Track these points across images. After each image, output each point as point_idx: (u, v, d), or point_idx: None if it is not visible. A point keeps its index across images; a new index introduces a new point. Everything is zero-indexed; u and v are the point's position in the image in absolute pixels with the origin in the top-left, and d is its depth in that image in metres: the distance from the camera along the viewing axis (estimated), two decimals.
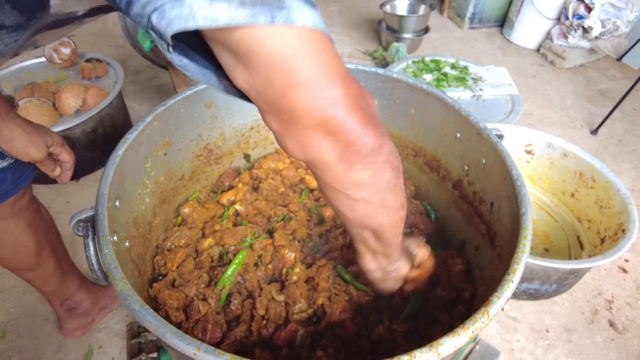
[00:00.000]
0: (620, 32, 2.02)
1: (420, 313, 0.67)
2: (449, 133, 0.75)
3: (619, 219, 1.09)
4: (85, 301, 0.98)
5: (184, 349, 0.39)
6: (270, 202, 0.82)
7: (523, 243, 0.50)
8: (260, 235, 0.75)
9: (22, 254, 0.81)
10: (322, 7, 2.71)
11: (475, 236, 0.73)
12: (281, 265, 0.69)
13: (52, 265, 0.86)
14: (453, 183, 0.78)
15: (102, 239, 0.49)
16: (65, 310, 0.96)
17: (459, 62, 1.73)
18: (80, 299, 0.96)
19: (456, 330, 0.41)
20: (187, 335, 0.39)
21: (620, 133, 1.76)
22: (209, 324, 0.59)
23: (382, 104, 0.83)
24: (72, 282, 0.94)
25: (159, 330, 0.40)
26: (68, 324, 0.97)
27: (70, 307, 0.96)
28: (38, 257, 0.82)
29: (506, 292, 0.45)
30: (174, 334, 0.39)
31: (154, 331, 0.40)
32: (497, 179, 0.64)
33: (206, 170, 0.85)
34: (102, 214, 0.51)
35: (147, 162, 0.68)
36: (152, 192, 0.71)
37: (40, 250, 0.82)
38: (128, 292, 0.43)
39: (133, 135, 0.63)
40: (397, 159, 0.40)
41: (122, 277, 0.45)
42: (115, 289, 0.44)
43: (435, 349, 0.39)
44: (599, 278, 1.20)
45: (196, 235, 0.74)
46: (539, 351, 1.01)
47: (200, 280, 0.66)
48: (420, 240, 0.60)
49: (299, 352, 0.58)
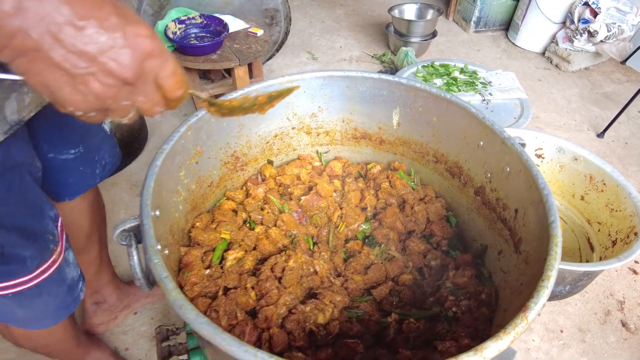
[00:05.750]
0: (624, 35, 2.05)
1: (437, 318, 0.69)
2: (472, 141, 0.77)
3: (630, 222, 1.11)
4: (112, 297, 0.99)
5: (242, 356, 0.40)
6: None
7: (555, 250, 0.52)
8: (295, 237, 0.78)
9: (75, 234, 0.81)
10: (329, 10, 2.73)
11: (497, 241, 0.76)
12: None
13: (95, 253, 0.87)
14: (475, 189, 0.80)
15: (151, 249, 0.50)
16: (93, 303, 0.97)
17: (467, 66, 1.76)
18: (108, 293, 0.98)
19: (499, 335, 0.43)
20: (244, 343, 0.41)
21: (626, 136, 1.79)
22: (247, 327, 0.61)
23: (404, 112, 0.85)
24: (105, 275, 0.95)
25: (215, 338, 0.42)
26: (93, 319, 0.99)
27: (98, 301, 0.97)
28: (87, 241, 0.83)
29: (542, 298, 0.47)
30: (231, 341, 0.41)
31: (210, 339, 0.42)
32: (522, 187, 0.66)
33: (232, 177, 0.87)
34: (147, 224, 0.53)
35: (181, 171, 0.70)
36: (185, 200, 0.73)
37: (91, 234, 0.83)
38: (182, 301, 0.45)
39: (169, 146, 0.65)
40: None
41: (175, 287, 0.47)
42: (169, 299, 0.46)
43: (481, 353, 0.41)
44: (610, 279, 1.22)
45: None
46: (554, 351, 1.04)
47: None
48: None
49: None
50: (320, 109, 0.89)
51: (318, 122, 0.92)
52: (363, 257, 0.80)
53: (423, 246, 0.84)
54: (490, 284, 0.74)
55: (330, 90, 0.86)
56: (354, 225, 0.85)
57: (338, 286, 0.74)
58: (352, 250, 0.83)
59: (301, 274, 0.73)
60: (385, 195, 0.89)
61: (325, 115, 0.91)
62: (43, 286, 0.61)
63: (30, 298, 0.60)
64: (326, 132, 0.94)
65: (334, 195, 0.88)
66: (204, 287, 0.66)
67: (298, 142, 0.94)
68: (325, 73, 0.83)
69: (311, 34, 2.45)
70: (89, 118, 0.37)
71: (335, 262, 0.80)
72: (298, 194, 0.88)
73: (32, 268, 0.58)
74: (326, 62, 2.21)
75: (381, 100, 0.86)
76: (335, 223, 0.85)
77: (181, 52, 1.33)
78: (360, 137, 0.95)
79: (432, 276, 0.80)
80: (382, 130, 0.91)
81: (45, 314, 0.65)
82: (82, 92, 0.33)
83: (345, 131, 0.94)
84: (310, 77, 0.83)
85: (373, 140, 0.94)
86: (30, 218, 0.58)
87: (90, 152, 0.74)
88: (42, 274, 0.60)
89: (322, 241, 0.84)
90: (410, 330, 0.68)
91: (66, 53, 0.31)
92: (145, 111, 0.40)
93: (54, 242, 0.62)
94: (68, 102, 0.34)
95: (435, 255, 0.82)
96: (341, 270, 0.79)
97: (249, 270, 0.72)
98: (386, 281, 0.78)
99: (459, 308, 0.71)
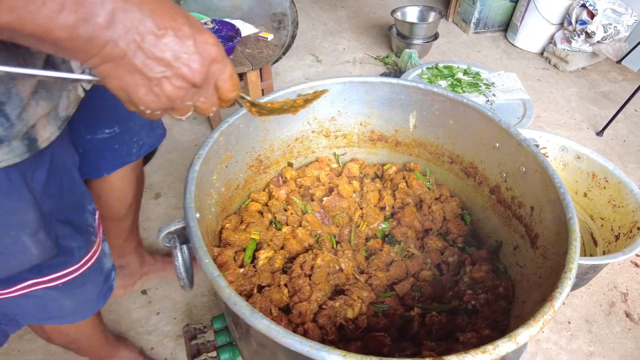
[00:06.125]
0: (620, 36, 2.11)
1: (456, 311, 0.72)
2: (488, 143, 0.81)
3: (633, 217, 1.16)
4: (135, 264, 1.07)
5: (298, 348, 0.44)
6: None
7: (574, 245, 0.56)
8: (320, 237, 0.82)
9: (119, 202, 0.87)
10: (331, 12, 2.76)
11: (513, 237, 0.80)
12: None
13: (130, 221, 0.94)
14: (490, 188, 0.84)
15: (200, 250, 0.54)
16: (117, 266, 1.02)
17: (470, 68, 1.80)
18: (132, 260, 1.05)
19: (529, 322, 0.47)
20: (297, 335, 0.45)
21: (624, 134, 1.85)
22: (282, 322, 0.64)
23: (421, 115, 0.89)
24: (132, 242, 1.03)
25: (271, 332, 0.45)
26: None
27: (121, 265, 1.04)
28: (128, 210, 0.89)
29: (566, 288, 0.51)
30: (287, 334, 0.45)
31: (267, 333, 0.45)
32: (538, 186, 0.70)
33: (256, 179, 0.91)
34: (194, 226, 0.56)
35: (214, 175, 0.74)
36: (216, 202, 0.76)
37: (132, 204, 0.89)
38: (236, 298, 0.48)
39: (205, 151, 0.68)
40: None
41: (227, 285, 0.50)
42: (222, 296, 0.49)
43: (515, 339, 0.45)
44: (613, 272, 1.27)
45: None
46: (563, 341, 1.08)
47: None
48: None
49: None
50: (340, 113, 0.93)
51: (337, 126, 0.95)
52: (384, 254, 0.84)
53: (440, 243, 0.88)
54: (506, 278, 0.79)
55: (350, 94, 0.90)
56: (374, 225, 0.89)
57: (362, 282, 0.78)
58: (372, 249, 0.87)
59: (328, 271, 0.76)
60: (402, 195, 0.93)
61: (343, 119, 0.94)
62: (87, 275, 0.65)
63: (75, 288, 0.64)
64: (344, 134, 0.97)
65: (353, 195, 0.92)
66: (240, 285, 0.69)
67: (317, 145, 0.97)
68: (346, 79, 0.86)
69: (314, 37, 2.49)
70: (153, 115, 0.41)
71: (357, 260, 0.83)
72: (319, 195, 0.91)
73: (79, 258, 0.62)
74: (330, 64, 2.24)
75: (398, 104, 0.90)
76: (356, 222, 0.89)
77: None
78: (376, 139, 0.98)
79: (449, 272, 0.84)
80: (398, 132, 0.95)
81: (86, 304, 0.69)
82: (156, 93, 0.37)
83: (362, 134, 0.98)
84: (331, 82, 0.86)
85: (389, 142, 0.98)
86: (75, 212, 0.62)
87: (126, 133, 0.81)
88: (86, 263, 0.64)
89: (343, 240, 0.88)
90: (433, 323, 0.72)
91: (146, 59, 0.35)
92: (203, 110, 0.43)
93: (94, 233, 0.66)
94: (141, 102, 0.38)
95: (453, 251, 0.86)
96: (364, 268, 0.83)
97: (278, 268, 0.76)
98: (407, 277, 0.82)
99: (477, 301, 0.75)
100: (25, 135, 0.45)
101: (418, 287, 0.80)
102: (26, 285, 0.58)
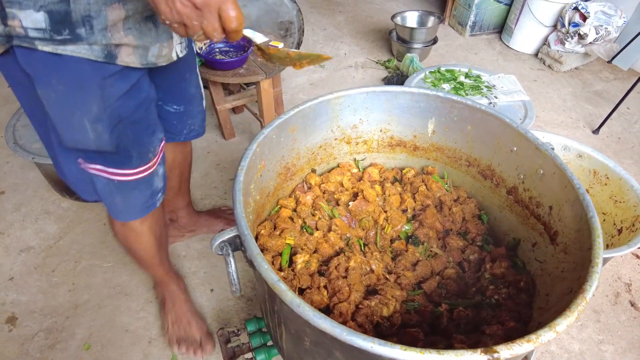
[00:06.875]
0: (611, 36, 2.20)
1: (480, 305, 0.77)
2: (505, 147, 0.86)
3: (634, 211, 1.23)
4: (184, 219, 1.28)
5: (361, 344, 0.48)
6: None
7: (597, 241, 0.61)
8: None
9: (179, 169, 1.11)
10: (330, 17, 2.81)
11: (531, 234, 0.85)
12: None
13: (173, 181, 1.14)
14: (508, 189, 0.90)
15: (258, 257, 0.57)
16: (169, 218, 1.27)
17: (471, 71, 1.86)
18: (182, 215, 1.27)
19: (565, 313, 0.52)
20: (360, 333, 0.49)
21: (619, 131, 1.93)
22: None
23: (440, 121, 0.94)
24: (182, 200, 1.24)
25: (335, 331, 0.49)
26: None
27: (172, 218, 1.28)
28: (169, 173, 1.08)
29: (595, 281, 0.56)
30: (349, 332, 0.49)
31: (331, 332, 0.49)
32: (557, 187, 0.75)
33: (283, 186, 0.94)
34: (249, 234, 0.60)
35: (252, 184, 0.77)
36: (253, 210, 0.80)
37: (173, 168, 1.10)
38: (298, 301, 0.52)
39: (246, 162, 0.72)
40: None
41: (289, 288, 0.54)
42: (285, 300, 0.52)
43: (554, 328, 0.50)
44: (616, 264, 1.34)
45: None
46: (574, 331, 1.14)
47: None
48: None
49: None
50: (361, 120, 0.97)
51: (358, 133, 1.00)
52: (409, 255, 0.89)
53: (461, 242, 0.93)
54: (525, 273, 0.84)
55: (371, 103, 0.94)
56: (397, 227, 0.94)
57: (392, 282, 0.82)
58: (398, 249, 0.91)
59: (361, 272, 0.80)
60: (423, 198, 0.98)
61: (364, 126, 0.99)
62: (138, 182, 0.78)
63: (127, 189, 0.78)
64: (364, 141, 1.02)
65: (377, 199, 0.96)
66: None
67: (339, 152, 1.01)
68: (369, 89, 0.91)
69: (315, 42, 2.53)
70: (174, 28, 0.54)
71: (385, 261, 0.88)
72: (345, 200, 0.96)
73: (135, 165, 0.76)
74: (333, 70, 2.28)
75: (418, 111, 0.94)
76: (381, 225, 0.93)
77: (209, 67, 1.39)
78: (395, 144, 1.03)
79: (471, 269, 0.89)
80: (416, 137, 1.00)
81: (131, 207, 0.82)
82: (170, 7, 0.51)
83: (382, 140, 1.02)
84: (355, 92, 0.91)
85: (407, 147, 1.03)
86: (145, 131, 0.75)
87: (186, 115, 0.96)
88: (140, 173, 0.77)
89: (370, 242, 0.92)
90: (461, 317, 0.77)
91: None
92: (208, 34, 0.54)
93: (154, 154, 0.79)
94: (161, 12, 0.52)
95: (473, 250, 0.91)
96: (391, 268, 0.87)
97: (315, 271, 0.79)
98: (433, 276, 0.87)
99: (500, 295, 0.80)
100: (106, 48, 0.60)
101: (444, 285, 0.84)
102: (97, 168, 0.74)
